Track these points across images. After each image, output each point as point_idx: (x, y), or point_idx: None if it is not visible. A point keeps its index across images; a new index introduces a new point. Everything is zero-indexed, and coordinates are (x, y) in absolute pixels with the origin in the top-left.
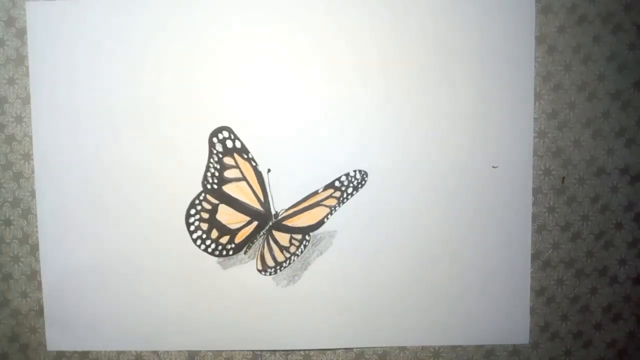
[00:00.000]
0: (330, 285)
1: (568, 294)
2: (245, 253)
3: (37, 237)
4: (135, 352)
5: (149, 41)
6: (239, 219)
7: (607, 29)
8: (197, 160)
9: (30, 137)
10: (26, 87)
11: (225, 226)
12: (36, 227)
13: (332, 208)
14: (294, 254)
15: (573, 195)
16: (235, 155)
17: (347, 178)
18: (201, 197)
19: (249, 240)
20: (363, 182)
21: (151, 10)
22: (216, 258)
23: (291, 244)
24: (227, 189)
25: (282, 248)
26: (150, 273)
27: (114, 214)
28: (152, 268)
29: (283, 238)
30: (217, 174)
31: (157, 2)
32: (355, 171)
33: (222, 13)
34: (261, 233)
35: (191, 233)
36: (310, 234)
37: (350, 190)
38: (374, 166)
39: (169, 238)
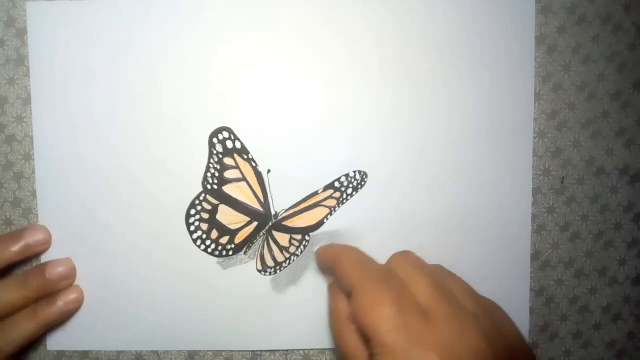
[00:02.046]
0: None
1: (567, 294)
2: (245, 253)
3: None
4: (135, 352)
5: (150, 42)
6: (239, 219)
7: (607, 29)
8: (197, 160)
9: (31, 138)
10: (27, 88)
11: (225, 227)
12: None
13: (332, 209)
14: (294, 254)
15: (573, 195)
16: (236, 155)
17: (346, 179)
18: (201, 198)
19: (249, 240)
20: (363, 183)
21: (152, 11)
22: (216, 258)
23: (291, 244)
24: (227, 189)
25: (282, 248)
26: (151, 273)
27: (113, 214)
28: (152, 268)
29: (283, 238)
30: (217, 174)
31: (157, 3)
32: (355, 172)
33: (223, 15)
34: (261, 233)
35: (191, 233)
36: (310, 234)
37: (350, 191)
38: (373, 167)
39: (169, 238)
